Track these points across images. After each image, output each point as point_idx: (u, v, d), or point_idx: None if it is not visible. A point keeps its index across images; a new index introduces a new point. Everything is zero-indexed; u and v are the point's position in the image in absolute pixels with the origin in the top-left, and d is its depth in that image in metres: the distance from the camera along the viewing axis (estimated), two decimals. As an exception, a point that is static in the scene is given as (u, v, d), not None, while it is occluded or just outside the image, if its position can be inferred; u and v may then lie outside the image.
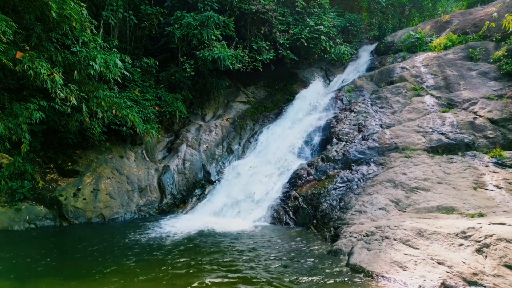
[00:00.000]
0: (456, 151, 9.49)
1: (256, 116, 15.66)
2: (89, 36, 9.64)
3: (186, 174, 12.87)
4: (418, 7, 21.92)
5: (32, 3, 8.52)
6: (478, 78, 11.39)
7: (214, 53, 12.67)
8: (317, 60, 17.07)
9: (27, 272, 6.37)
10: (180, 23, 13.03)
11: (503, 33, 12.00)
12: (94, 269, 6.38)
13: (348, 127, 11.66)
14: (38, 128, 10.24)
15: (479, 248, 5.49)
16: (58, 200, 10.31)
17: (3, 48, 7.58)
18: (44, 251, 7.70)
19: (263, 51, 14.77)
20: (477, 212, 7.14)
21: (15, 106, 8.64)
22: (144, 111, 11.99)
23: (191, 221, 10.22)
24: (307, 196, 9.87)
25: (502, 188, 7.88)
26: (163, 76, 13.95)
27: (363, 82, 13.94)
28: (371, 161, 10.03)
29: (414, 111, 11.16)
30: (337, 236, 7.68)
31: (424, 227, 6.30)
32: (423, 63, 12.97)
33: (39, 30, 9.34)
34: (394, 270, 5.64)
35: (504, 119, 9.71)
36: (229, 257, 6.98)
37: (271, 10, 14.95)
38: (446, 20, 15.80)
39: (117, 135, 12.19)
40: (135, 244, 8.02)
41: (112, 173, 11.55)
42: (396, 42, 16.45)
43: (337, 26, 16.93)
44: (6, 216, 9.39)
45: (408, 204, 8.13)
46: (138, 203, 11.61)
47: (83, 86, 9.86)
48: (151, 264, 6.60)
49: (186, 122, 14.98)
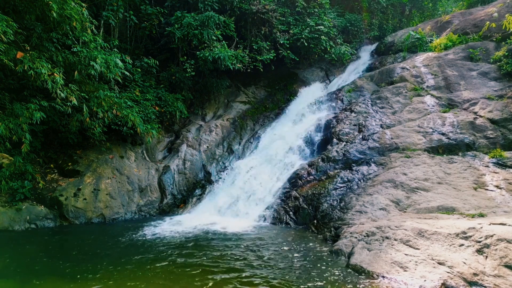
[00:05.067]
0: (457, 151, 9.50)
1: (256, 116, 15.66)
2: (89, 36, 9.63)
3: (187, 174, 12.87)
4: (418, 7, 21.93)
5: (32, 3, 8.52)
6: (478, 78, 11.39)
7: (215, 53, 12.67)
8: (317, 60, 17.08)
9: (27, 272, 6.37)
10: (181, 23, 13.03)
11: (503, 33, 12.00)
12: (93, 270, 6.38)
13: (348, 127, 11.65)
14: (38, 128, 10.25)
15: (479, 249, 5.50)
16: (58, 200, 10.32)
17: (3, 48, 7.58)
18: (44, 251, 7.71)
19: (264, 51, 14.78)
20: (477, 213, 7.14)
21: (15, 106, 8.64)
22: (145, 111, 12.00)
23: (191, 221, 10.22)
24: (308, 196, 9.87)
25: (502, 188, 7.89)
26: (164, 76, 13.95)
27: (363, 82, 13.93)
28: (371, 161, 10.03)
29: (415, 111, 11.16)
30: (338, 236, 7.69)
31: (425, 228, 6.30)
32: (424, 63, 12.96)
33: (39, 30, 9.34)
34: (394, 271, 5.65)
35: (504, 119, 9.71)
36: (229, 257, 6.98)
37: (272, 10, 14.95)
38: (447, 20, 15.80)
39: (118, 135, 12.19)
40: (135, 244, 8.03)
41: (112, 173, 11.56)
42: (396, 42, 16.45)
43: (337, 26, 16.93)
44: (6, 216, 9.40)
45: (409, 204, 8.14)
46: (139, 203, 11.62)
47: (84, 86, 9.85)
48: (150, 264, 6.59)
49: (187, 122, 14.98)
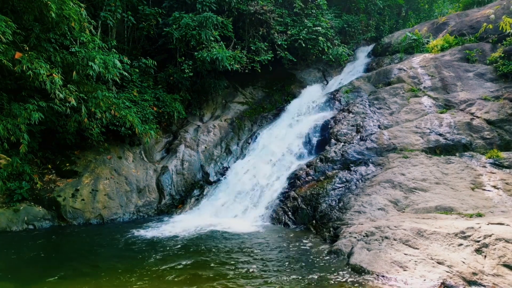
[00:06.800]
0: (454, 152, 9.58)
1: (254, 116, 15.68)
2: (87, 36, 9.61)
3: (185, 175, 12.86)
4: (414, 8, 22.08)
5: (31, 3, 8.49)
6: (475, 79, 11.49)
7: (213, 53, 12.67)
8: (315, 61, 17.12)
9: (25, 273, 6.36)
10: (179, 24, 13.01)
11: (500, 34, 12.11)
12: (91, 270, 6.40)
13: (346, 127, 11.70)
14: (36, 129, 10.21)
15: (478, 248, 5.55)
16: (56, 201, 10.28)
17: (2, 48, 7.54)
18: (42, 252, 7.69)
19: (261, 52, 14.80)
20: (475, 212, 7.21)
21: (14, 106, 8.61)
22: (143, 112, 11.98)
23: (189, 222, 10.21)
24: (306, 197, 9.90)
25: (499, 189, 7.97)
26: (161, 77, 13.93)
27: (361, 83, 14.00)
28: (369, 162, 10.09)
29: (412, 112, 11.24)
30: (337, 236, 7.72)
31: (424, 227, 6.35)
32: (420, 64, 13.05)
33: (37, 30, 9.30)
34: (394, 270, 5.69)
35: (501, 120, 9.81)
36: (227, 257, 6.99)
37: (269, 11, 14.97)
38: (443, 22, 15.90)
39: (116, 135, 12.15)
40: (132, 245, 8.01)
41: (110, 173, 11.53)
42: (393, 43, 16.54)
43: (334, 27, 16.98)
44: (4, 217, 9.36)
45: (407, 204, 8.19)
46: (137, 203, 11.59)
47: (82, 87, 9.83)
48: (149, 265, 6.58)
49: (184, 123, 14.96)
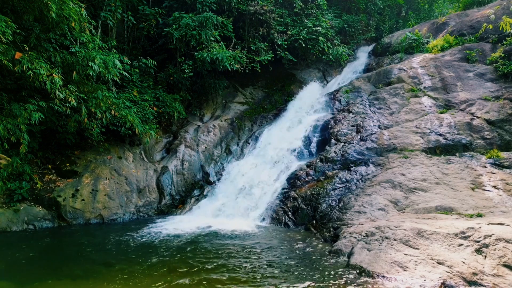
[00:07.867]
0: (454, 152, 9.58)
1: (254, 117, 15.68)
2: (87, 36, 9.59)
3: (185, 175, 12.86)
4: (414, 8, 22.09)
5: (31, 3, 8.47)
6: (475, 79, 11.49)
7: (213, 54, 12.67)
8: (315, 61, 17.11)
9: (25, 273, 6.35)
10: (179, 24, 13.00)
11: (500, 34, 12.11)
12: (91, 271, 6.38)
13: (346, 128, 11.70)
14: (36, 129, 10.19)
15: (478, 248, 5.55)
16: (56, 201, 10.28)
17: (2, 48, 7.53)
18: (42, 252, 7.69)
19: (261, 52, 14.80)
20: (475, 213, 7.21)
21: (14, 106, 8.59)
22: (143, 112, 11.98)
23: (189, 222, 10.21)
24: (306, 197, 9.90)
25: (499, 189, 7.97)
26: (162, 77, 13.93)
27: (361, 83, 14.00)
28: (369, 162, 10.09)
29: (412, 112, 11.24)
30: (337, 236, 7.72)
31: (424, 228, 6.35)
32: (420, 64, 13.05)
33: (37, 30, 9.30)
34: (394, 270, 5.69)
35: (501, 120, 9.81)
36: (227, 258, 6.98)
37: (269, 11, 14.98)
38: (443, 22, 15.91)
39: (116, 135, 12.16)
40: (132, 245, 8.00)
41: (110, 173, 11.52)
42: (393, 43, 16.55)
43: (334, 27, 16.97)
44: (4, 217, 9.36)
45: (407, 204, 8.19)
46: (137, 203, 11.59)
47: (82, 87, 9.81)
48: (148, 266, 6.58)
49: (184, 123, 14.96)
